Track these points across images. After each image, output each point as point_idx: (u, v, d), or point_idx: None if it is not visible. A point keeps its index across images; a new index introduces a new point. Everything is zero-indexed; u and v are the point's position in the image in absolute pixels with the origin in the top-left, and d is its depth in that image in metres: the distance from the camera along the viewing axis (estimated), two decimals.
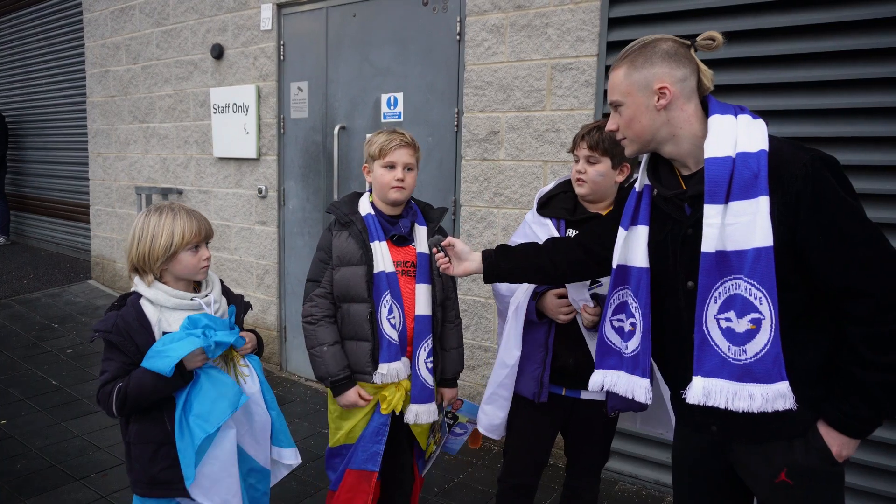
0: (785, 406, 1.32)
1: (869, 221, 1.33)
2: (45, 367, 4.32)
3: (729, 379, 1.37)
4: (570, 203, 2.05)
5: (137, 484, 1.72)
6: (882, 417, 1.36)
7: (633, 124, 1.45)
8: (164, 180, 5.28)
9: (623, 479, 3.10)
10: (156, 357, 1.58)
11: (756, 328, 1.34)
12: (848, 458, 1.40)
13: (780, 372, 1.33)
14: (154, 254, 1.66)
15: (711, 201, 1.36)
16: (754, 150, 1.33)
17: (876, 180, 2.46)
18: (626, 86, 1.44)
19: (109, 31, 5.64)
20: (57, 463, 3.09)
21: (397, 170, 2.03)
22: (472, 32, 3.34)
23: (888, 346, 1.30)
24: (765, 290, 1.32)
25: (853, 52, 2.45)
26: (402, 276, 2.07)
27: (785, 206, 1.32)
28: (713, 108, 1.42)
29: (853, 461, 2.54)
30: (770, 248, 1.31)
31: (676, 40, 1.44)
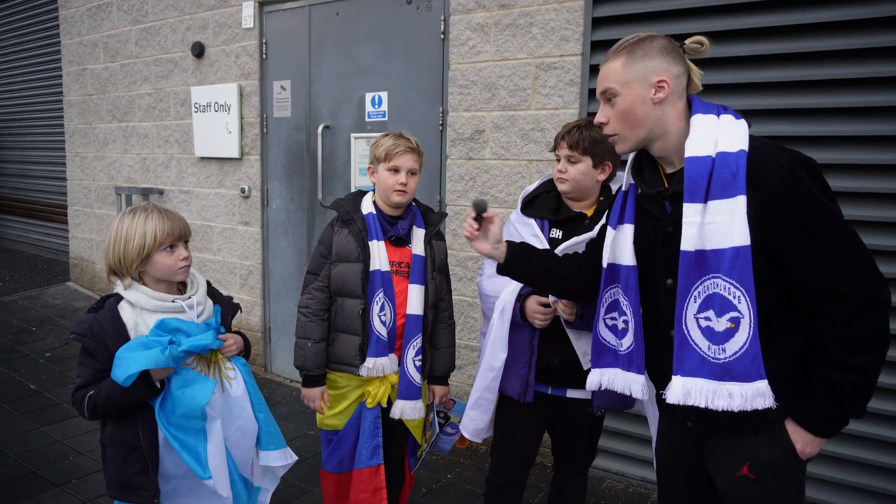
0: (765, 404, 1.33)
1: (846, 223, 1.34)
2: (23, 370, 4.24)
3: (709, 378, 1.38)
4: (553, 202, 2.06)
5: (110, 486, 1.69)
6: (849, 417, 1.37)
7: (628, 116, 1.45)
8: (145, 180, 5.21)
9: (610, 477, 3.12)
10: (117, 366, 1.54)
11: (735, 327, 1.35)
12: (811, 455, 1.40)
13: (758, 370, 1.34)
14: (128, 256, 1.64)
15: (691, 200, 1.37)
16: (734, 150, 1.34)
17: (857, 179, 2.50)
18: (624, 75, 1.43)
19: (86, 29, 5.54)
20: (36, 469, 3.03)
21: (401, 174, 2.08)
22: (457, 31, 3.33)
23: (859, 349, 1.32)
24: (743, 288, 1.33)
25: (833, 52, 2.48)
26: (396, 275, 2.13)
27: (762, 207, 1.32)
28: (696, 108, 1.43)
29: (847, 457, 2.58)
30: (748, 248, 1.32)
31: (670, 39, 1.45)
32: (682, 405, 1.41)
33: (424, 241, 2.16)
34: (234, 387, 1.75)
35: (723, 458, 1.50)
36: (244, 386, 1.79)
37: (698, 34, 2.74)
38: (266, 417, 1.84)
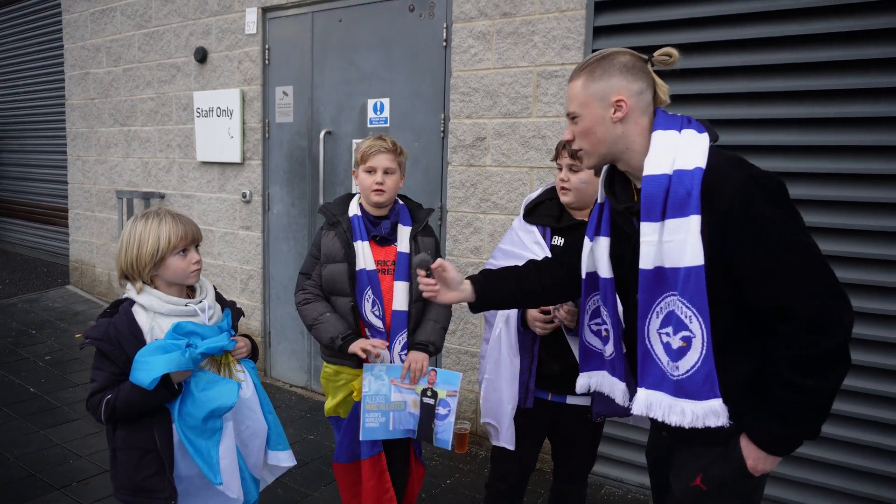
0: (717, 423, 1.34)
1: (803, 242, 1.31)
2: (23, 373, 4.24)
3: (667, 393, 1.40)
4: (555, 210, 2.08)
5: (121, 490, 1.70)
6: (801, 437, 1.36)
7: (589, 136, 1.45)
8: (146, 184, 5.22)
9: (609, 483, 3.13)
10: (139, 369, 1.57)
11: (687, 346, 1.36)
12: (765, 471, 1.40)
13: (711, 389, 1.34)
14: (142, 260, 1.66)
15: (647, 219, 1.38)
16: (690, 167, 1.34)
17: (831, 188, 2.53)
18: (584, 97, 1.44)
19: (89, 33, 5.57)
20: (36, 472, 3.03)
21: (377, 174, 2.15)
22: (459, 39, 3.36)
23: (809, 370, 1.29)
24: (695, 308, 1.33)
25: (833, 63, 2.51)
26: (382, 273, 2.20)
27: (715, 225, 1.32)
28: (658, 123, 1.42)
29: (839, 463, 2.59)
30: (701, 268, 1.32)
31: (634, 54, 1.44)
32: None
33: (410, 237, 2.23)
34: (244, 388, 1.78)
35: (680, 467, 1.51)
36: (254, 387, 1.82)
37: (697, 44, 2.78)
38: (274, 419, 1.89)
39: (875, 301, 2.51)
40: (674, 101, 2.85)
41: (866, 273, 2.52)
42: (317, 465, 3.22)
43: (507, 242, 2.16)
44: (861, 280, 2.52)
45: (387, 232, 2.21)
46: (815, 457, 2.64)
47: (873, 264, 2.51)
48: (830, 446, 2.61)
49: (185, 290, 1.78)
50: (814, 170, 2.58)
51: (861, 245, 2.52)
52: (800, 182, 2.60)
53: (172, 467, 1.66)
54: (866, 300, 2.52)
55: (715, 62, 2.70)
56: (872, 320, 2.52)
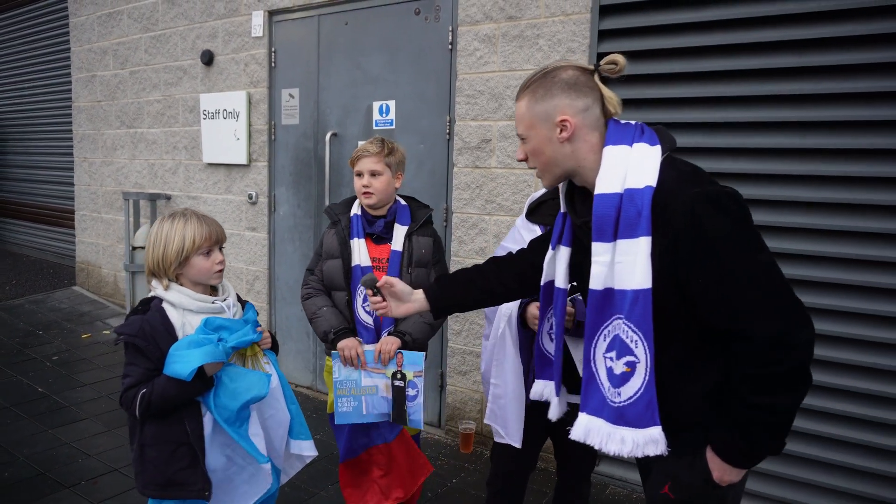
0: (656, 451, 1.32)
1: (758, 260, 1.27)
2: (31, 373, 4.27)
3: (607, 420, 1.38)
4: (557, 209, 2.08)
5: (149, 486, 1.73)
6: (762, 452, 1.33)
7: (539, 156, 1.43)
8: (153, 186, 5.26)
9: (614, 483, 3.15)
10: (175, 362, 1.62)
11: (631, 371, 1.33)
12: (732, 482, 1.38)
13: (652, 417, 1.32)
14: (167, 258, 1.72)
15: (599, 239, 1.35)
16: (641, 185, 1.30)
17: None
18: (529, 118, 1.41)
19: (96, 36, 5.61)
20: (46, 471, 3.06)
21: (364, 177, 2.26)
22: (464, 42, 3.38)
23: (766, 389, 1.26)
24: (641, 333, 1.30)
25: (844, 66, 2.53)
26: (377, 270, 2.28)
27: (667, 246, 1.28)
28: (608, 138, 1.37)
29: (840, 463, 2.61)
30: (648, 291, 1.29)
31: (578, 67, 1.40)
32: None
33: (404, 236, 2.29)
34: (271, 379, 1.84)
35: (653, 473, 1.51)
36: (278, 378, 1.88)
37: (702, 48, 2.79)
38: (297, 409, 1.94)
39: (876, 303, 2.53)
40: (678, 104, 2.89)
41: (868, 275, 2.54)
42: (324, 465, 3.24)
43: (509, 240, 2.19)
44: (863, 282, 2.54)
45: (380, 230, 2.29)
46: (818, 457, 2.66)
47: (874, 266, 2.53)
48: (832, 446, 2.63)
49: (209, 290, 1.83)
50: (819, 173, 2.60)
51: (861, 247, 2.54)
52: (803, 184, 2.62)
53: (204, 458, 1.71)
54: (867, 301, 2.54)
55: (719, 66, 2.73)
56: (874, 321, 2.54)
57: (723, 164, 2.75)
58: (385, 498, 2.38)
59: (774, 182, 2.68)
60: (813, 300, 2.60)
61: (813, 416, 2.66)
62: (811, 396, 2.64)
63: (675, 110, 2.85)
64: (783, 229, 2.67)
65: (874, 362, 2.54)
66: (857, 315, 2.57)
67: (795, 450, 2.68)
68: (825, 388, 2.63)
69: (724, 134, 2.76)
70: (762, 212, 2.68)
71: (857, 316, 2.57)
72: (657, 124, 1.42)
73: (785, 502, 2.74)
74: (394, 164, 2.28)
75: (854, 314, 2.58)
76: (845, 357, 2.59)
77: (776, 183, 2.68)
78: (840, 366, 2.61)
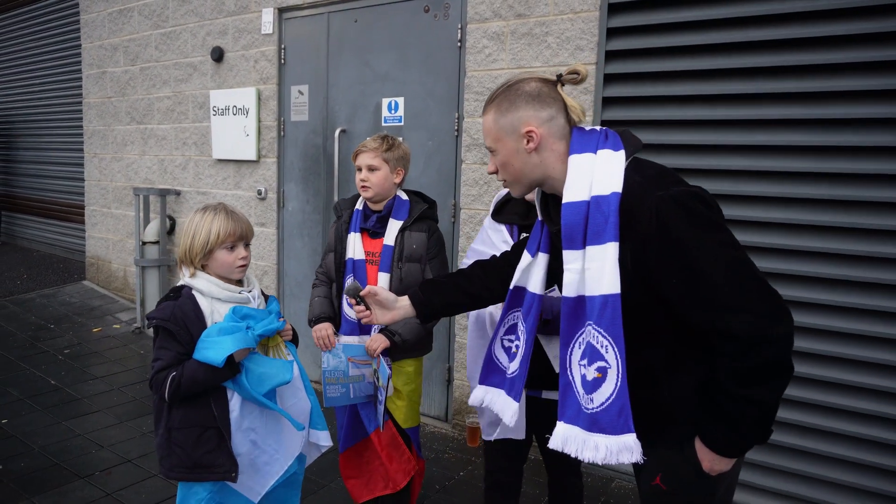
0: (631, 459, 1.33)
1: (729, 256, 1.28)
2: (43, 366, 4.33)
3: (582, 427, 1.38)
4: (522, 207, 2.09)
5: (176, 468, 1.79)
6: (749, 442, 1.36)
7: (508, 168, 1.46)
8: (162, 181, 5.31)
9: (619, 477, 3.18)
10: (207, 348, 1.68)
11: (602, 377, 1.34)
12: (721, 472, 1.40)
13: (626, 423, 1.33)
14: (194, 249, 1.79)
15: (569, 247, 1.37)
16: (607, 192, 1.32)
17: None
18: (496, 131, 1.44)
19: (107, 33, 5.66)
20: (60, 461, 3.11)
21: (362, 172, 2.32)
22: (473, 39, 3.41)
23: (748, 381, 1.28)
24: (611, 338, 1.32)
25: (855, 64, 2.55)
26: (369, 264, 2.35)
27: (637, 251, 1.31)
28: (573, 146, 1.40)
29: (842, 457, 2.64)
30: (617, 296, 1.31)
31: (541, 79, 1.43)
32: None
33: (398, 231, 2.33)
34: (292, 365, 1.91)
35: (643, 467, 1.52)
36: (298, 368, 1.94)
37: (711, 45, 2.81)
38: (314, 400, 1.99)
39: (876, 298, 2.56)
40: (686, 102, 2.90)
41: (869, 271, 2.56)
42: (332, 458, 3.26)
43: (478, 242, 2.19)
44: (865, 278, 2.56)
45: (373, 225, 2.35)
46: (823, 451, 2.68)
47: (874, 262, 2.55)
48: (835, 440, 2.66)
49: (234, 282, 1.89)
50: (827, 170, 2.61)
51: (861, 244, 2.56)
52: (809, 181, 2.64)
53: (231, 440, 1.77)
54: (869, 298, 2.56)
55: (728, 63, 2.74)
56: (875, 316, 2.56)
57: (731, 161, 2.77)
58: (385, 486, 2.44)
59: (784, 179, 2.70)
60: (819, 296, 2.62)
61: (817, 410, 2.69)
62: (809, 390, 2.67)
63: (683, 107, 2.87)
64: (794, 226, 2.69)
65: (873, 357, 2.56)
66: (863, 311, 2.59)
67: (803, 445, 2.71)
68: (824, 383, 2.65)
69: (732, 131, 2.78)
70: (774, 209, 2.71)
71: (863, 312, 2.60)
72: (625, 128, 1.46)
73: (788, 495, 2.77)
74: (393, 160, 2.32)
75: (862, 311, 2.60)
76: (847, 352, 2.62)
77: (786, 180, 2.70)
78: (840, 360, 2.63)
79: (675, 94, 2.88)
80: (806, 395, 2.69)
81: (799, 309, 2.65)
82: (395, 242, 2.32)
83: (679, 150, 2.90)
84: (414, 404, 2.45)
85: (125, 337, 5.02)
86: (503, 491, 2.25)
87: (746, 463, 2.82)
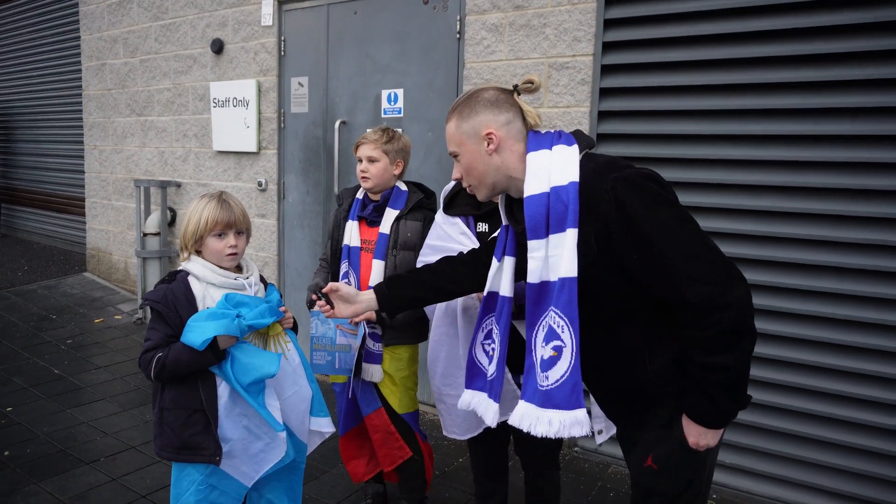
0: (581, 433, 1.40)
1: (684, 229, 1.36)
2: (47, 356, 4.38)
3: (536, 404, 1.45)
4: (472, 198, 2.11)
5: (166, 448, 1.83)
6: (728, 410, 1.41)
7: (472, 171, 1.55)
8: (163, 173, 5.33)
9: (616, 462, 3.23)
10: (191, 332, 1.71)
11: (557, 355, 1.42)
12: (709, 446, 1.46)
13: (578, 399, 1.40)
14: (187, 234, 1.84)
15: (533, 237, 1.45)
16: (565, 182, 1.41)
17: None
18: (458, 136, 1.54)
19: (106, 25, 5.67)
20: (65, 448, 3.16)
21: (362, 163, 2.39)
22: (472, 31, 3.44)
23: (714, 349, 1.35)
24: (567, 319, 1.40)
25: (850, 54, 2.58)
26: (364, 251, 2.42)
27: (599, 233, 1.38)
28: (529, 146, 1.50)
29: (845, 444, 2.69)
30: (574, 279, 1.39)
31: (498, 88, 1.55)
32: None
33: (394, 220, 2.39)
34: (291, 357, 1.94)
35: (634, 450, 1.59)
36: (299, 357, 1.96)
37: (707, 36, 2.85)
38: (316, 388, 2.02)
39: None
40: (684, 92, 2.93)
41: (860, 285, 2.61)
42: (334, 444, 3.31)
43: (433, 238, 2.21)
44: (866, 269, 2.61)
45: (369, 213, 2.42)
46: (818, 460, 2.74)
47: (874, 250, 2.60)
48: (836, 450, 2.72)
49: (234, 269, 1.92)
50: (827, 159, 2.66)
51: (854, 258, 2.61)
52: (811, 170, 2.68)
53: (217, 425, 1.80)
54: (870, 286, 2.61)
55: (727, 54, 2.78)
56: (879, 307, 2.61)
57: (729, 152, 2.81)
58: (387, 465, 2.51)
59: (786, 168, 2.74)
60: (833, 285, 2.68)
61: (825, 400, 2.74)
62: (813, 401, 2.72)
63: (681, 98, 2.91)
64: (795, 215, 2.74)
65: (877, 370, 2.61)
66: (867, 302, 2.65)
67: (802, 453, 2.77)
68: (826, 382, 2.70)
69: (730, 121, 2.82)
70: (773, 198, 2.75)
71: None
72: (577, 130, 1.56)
73: (785, 480, 2.83)
74: (392, 152, 2.38)
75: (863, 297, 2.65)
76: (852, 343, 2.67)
77: (788, 169, 2.74)
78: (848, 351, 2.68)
79: (672, 85, 2.91)
80: (799, 381, 2.75)
81: (804, 297, 2.71)
82: (390, 231, 2.38)
83: (676, 141, 2.94)
84: (409, 391, 2.49)
85: (127, 327, 5.06)
86: (490, 475, 2.30)
87: (742, 448, 2.87)
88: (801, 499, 2.79)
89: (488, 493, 2.33)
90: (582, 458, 3.29)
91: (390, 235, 2.38)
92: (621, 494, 2.97)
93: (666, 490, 1.53)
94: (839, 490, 2.70)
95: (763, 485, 2.86)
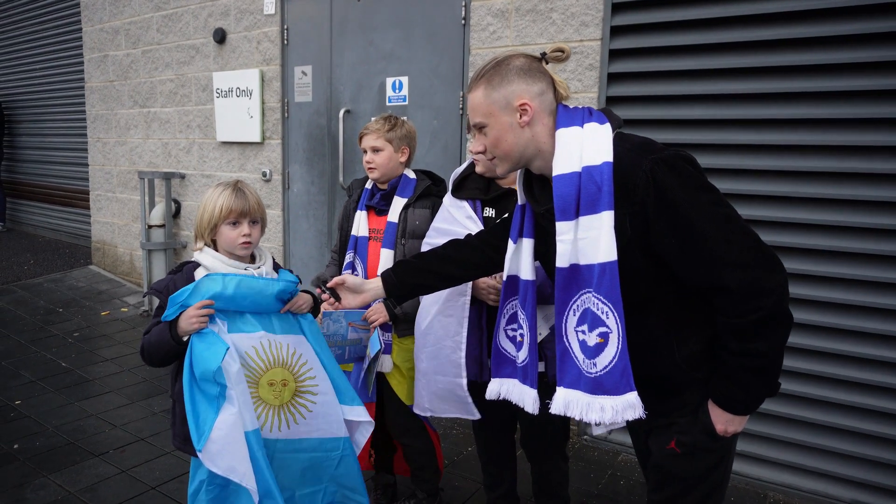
0: (634, 416, 1.38)
1: (720, 213, 1.32)
2: (54, 349, 4.38)
3: (584, 391, 1.42)
4: (482, 182, 2.08)
5: (177, 438, 1.85)
6: (759, 397, 1.39)
7: (501, 144, 1.45)
8: (166, 165, 5.31)
9: (625, 451, 3.22)
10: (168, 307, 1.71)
11: (604, 342, 1.38)
12: (736, 432, 1.44)
13: (628, 383, 1.38)
14: (202, 223, 1.83)
15: (562, 218, 1.40)
16: (598, 162, 1.35)
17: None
18: (487, 106, 1.43)
19: (108, 16, 5.63)
20: (75, 440, 3.16)
21: (367, 154, 2.38)
22: (477, 17, 3.39)
23: (749, 335, 1.32)
24: (611, 304, 1.36)
25: (856, 64, 2.54)
26: (373, 241, 2.39)
27: (636, 216, 1.34)
28: (560, 121, 1.42)
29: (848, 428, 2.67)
30: (614, 263, 1.34)
31: (528, 56, 1.45)
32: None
33: (402, 209, 2.35)
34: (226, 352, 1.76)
35: (658, 434, 1.56)
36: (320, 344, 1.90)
37: (715, 19, 2.80)
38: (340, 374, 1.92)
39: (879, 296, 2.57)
40: (695, 77, 2.88)
41: (873, 270, 2.58)
42: None
43: (440, 220, 2.17)
44: (869, 277, 2.57)
45: (376, 202, 2.40)
46: (830, 447, 2.72)
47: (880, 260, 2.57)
48: (849, 437, 2.69)
49: (248, 259, 1.89)
50: (825, 169, 2.62)
51: (866, 243, 2.57)
52: (811, 181, 2.64)
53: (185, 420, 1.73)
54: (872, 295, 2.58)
55: (736, 37, 2.73)
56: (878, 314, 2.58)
57: (738, 136, 2.77)
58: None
59: (798, 153, 2.70)
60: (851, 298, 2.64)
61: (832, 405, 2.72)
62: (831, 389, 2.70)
63: (689, 83, 2.86)
64: (805, 226, 2.70)
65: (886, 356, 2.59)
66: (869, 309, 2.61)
67: (815, 417, 2.75)
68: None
69: (739, 105, 2.77)
70: (779, 183, 2.72)
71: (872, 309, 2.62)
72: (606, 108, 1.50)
73: (796, 467, 2.81)
74: (396, 140, 2.34)
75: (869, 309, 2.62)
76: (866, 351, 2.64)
77: (800, 153, 2.70)
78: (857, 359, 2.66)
79: (680, 69, 2.87)
80: (815, 368, 2.73)
81: (818, 283, 2.68)
82: (398, 219, 2.35)
83: (685, 126, 2.90)
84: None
85: (133, 320, 5.06)
86: (497, 462, 2.29)
87: (756, 436, 2.85)
88: (813, 486, 2.77)
89: (496, 481, 2.33)
90: (592, 447, 3.28)
91: (399, 224, 2.35)
92: (631, 482, 2.95)
93: (687, 475, 1.51)
94: (852, 477, 2.68)
95: (775, 472, 2.84)
